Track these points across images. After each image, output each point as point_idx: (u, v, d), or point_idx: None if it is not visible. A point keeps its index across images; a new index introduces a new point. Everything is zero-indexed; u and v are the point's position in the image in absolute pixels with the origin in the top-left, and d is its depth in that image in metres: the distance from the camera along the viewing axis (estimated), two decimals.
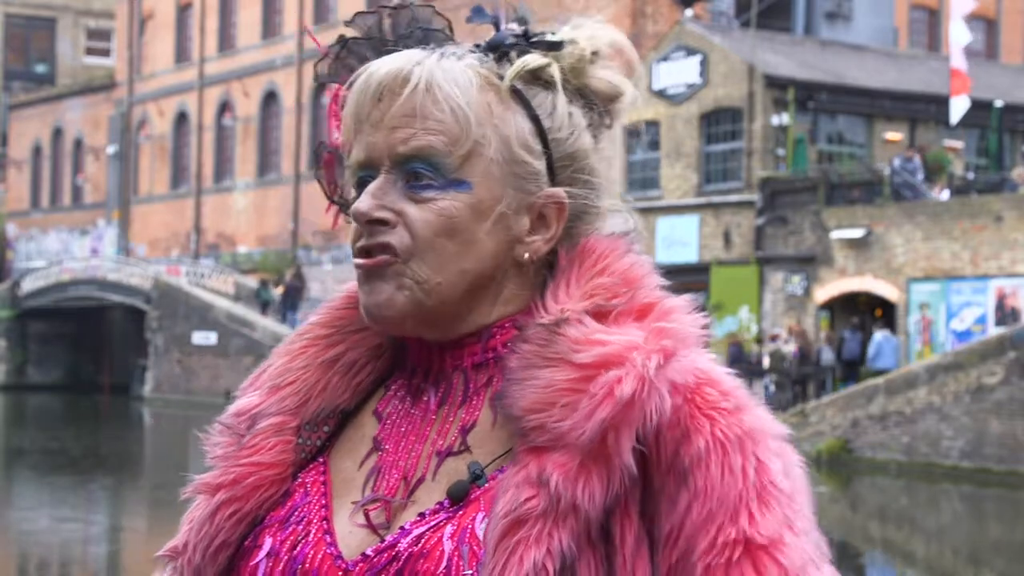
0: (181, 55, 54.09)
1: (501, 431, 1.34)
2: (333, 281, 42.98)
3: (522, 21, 1.44)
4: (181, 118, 53.59)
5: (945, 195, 29.65)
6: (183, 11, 54.25)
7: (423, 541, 1.30)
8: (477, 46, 1.41)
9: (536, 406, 1.29)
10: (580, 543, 1.27)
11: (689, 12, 35.95)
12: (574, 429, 1.26)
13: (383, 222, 1.35)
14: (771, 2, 36.88)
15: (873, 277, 29.54)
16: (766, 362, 29.51)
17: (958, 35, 31.68)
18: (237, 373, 40.02)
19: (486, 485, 1.32)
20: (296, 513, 1.38)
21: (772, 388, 28.98)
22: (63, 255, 54.80)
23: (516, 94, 1.38)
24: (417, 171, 1.35)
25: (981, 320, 27.75)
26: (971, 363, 24.06)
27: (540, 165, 1.38)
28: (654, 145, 34.43)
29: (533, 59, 1.39)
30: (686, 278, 33.46)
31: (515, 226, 1.37)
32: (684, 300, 1.36)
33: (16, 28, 64.14)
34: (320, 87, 1.48)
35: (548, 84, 1.39)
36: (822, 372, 29.45)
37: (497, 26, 1.43)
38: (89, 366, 51.66)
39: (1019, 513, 21.82)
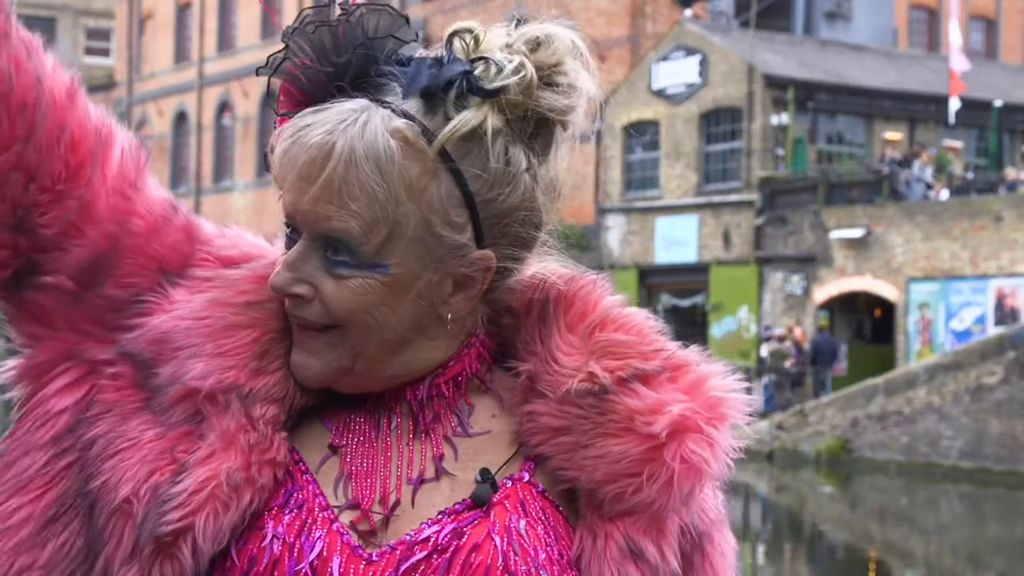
0: (180, 55, 54.09)
1: (474, 460, 1.38)
2: None
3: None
4: (180, 118, 53.60)
5: (944, 195, 29.67)
6: (182, 11, 54.26)
7: (466, 536, 1.32)
8: (420, 91, 1.34)
9: (610, 478, 1.35)
10: None
11: (688, 12, 35.92)
12: (657, 499, 1.35)
13: (299, 296, 1.36)
14: (771, 2, 36.86)
15: (872, 277, 29.53)
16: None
17: (953, 37, 31.78)
18: None
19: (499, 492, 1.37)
20: (293, 498, 1.34)
21: (772, 388, 29.00)
22: None
23: (444, 156, 1.33)
24: (335, 246, 1.34)
25: (980, 320, 27.76)
26: (970, 363, 24.06)
27: (464, 237, 1.35)
28: (653, 145, 34.43)
29: (465, 122, 1.32)
30: (685, 278, 33.49)
31: (436, 292, 1.36)
32: (717, 365, 1.41)
33: None
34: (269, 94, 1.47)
35: (482, 137, 1.34)
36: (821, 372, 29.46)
37: (441, 62, 1.35)
38: None
39: (1019, 513, 21.81)
